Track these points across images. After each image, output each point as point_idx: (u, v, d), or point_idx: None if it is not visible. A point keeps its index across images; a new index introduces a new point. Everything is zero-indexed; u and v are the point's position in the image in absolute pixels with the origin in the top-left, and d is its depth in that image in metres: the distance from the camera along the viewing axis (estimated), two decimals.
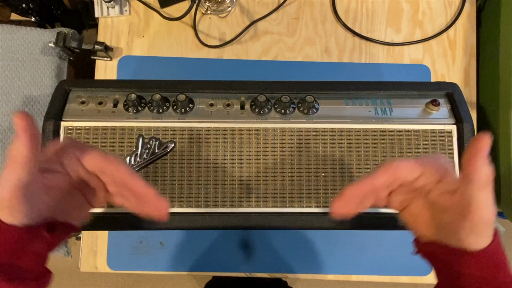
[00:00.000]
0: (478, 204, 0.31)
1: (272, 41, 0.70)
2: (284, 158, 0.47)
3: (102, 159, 0.33)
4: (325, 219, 0.46)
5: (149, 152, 0.46)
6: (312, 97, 0.47)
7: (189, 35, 0.69)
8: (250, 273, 0.67)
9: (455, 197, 0.33)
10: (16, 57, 0.68)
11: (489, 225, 0.32)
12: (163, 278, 1.42)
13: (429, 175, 0.34)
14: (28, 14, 0.84)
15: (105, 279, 1.43)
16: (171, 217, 0.46)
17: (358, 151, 0.47)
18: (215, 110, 0.48)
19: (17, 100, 0.67)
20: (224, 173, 0.47)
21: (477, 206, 0.31)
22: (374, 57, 0.70)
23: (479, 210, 0.31)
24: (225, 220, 0.46)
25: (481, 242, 0.32)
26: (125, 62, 0.68)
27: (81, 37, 0.66)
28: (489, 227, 0.32)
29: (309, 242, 0.67)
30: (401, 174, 0.33)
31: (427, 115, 0.48)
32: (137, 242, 0.67)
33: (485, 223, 0.31)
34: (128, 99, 0.46)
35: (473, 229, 0.31)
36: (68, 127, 0.47)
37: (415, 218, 0.36)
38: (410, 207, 0.36)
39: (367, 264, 0.67)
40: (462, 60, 0.70)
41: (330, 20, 0.71)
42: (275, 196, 0.47)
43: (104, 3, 0.68)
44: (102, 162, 0.33)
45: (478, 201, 0.31)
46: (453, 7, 0.71)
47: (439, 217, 0.34)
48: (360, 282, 0.70)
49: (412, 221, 0.37)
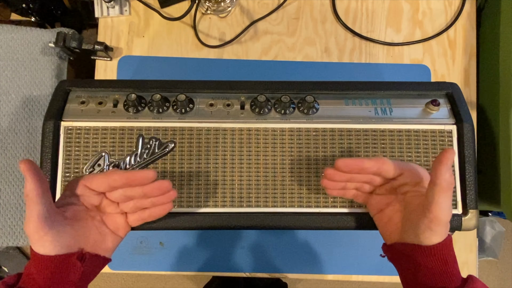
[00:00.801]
0: (437, 205, 0.36)
1: (272, 41, 0.70)
2: (284, 158, 0.47)
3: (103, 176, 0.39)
4: (325, 219, 0.46)
5: (149, 152, 0.46)
6: (312, 97, 0.47)
7: (189, 35, 0.69)
8: (250, 273, 0.67)
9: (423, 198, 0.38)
10: (16, 57, 0.68)
11: (443, 224, 0.37)
12: (163, 278, 1.42)
13: (408, 176, 0.41)
14: (28, 14, 0.84)
15: (105, 279, 1.43)
16: (171, 217, 0.46)
17: (358, 151, 0.47)
18: (215, 110, 0.48)
19: (17, 100, 0.68)
20: (224, 173, 0.47)
21: (436, 206, 0.36)
22: (374, 57, 0.70)
23: (436, 209, 0.36)
24: (225, 220, 0.46)
25: (433, 238, 0.37)
26: (125, 62, 0.68)
27: (81, 37, 0.66)
28: (443, 227, 0.37)
29: (309, 242, 0.67)
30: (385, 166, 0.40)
31: (427, 115, 0.48)
32: (137, 242, 0.67)
33: (439, 222, 0.36)
34: (128, 99, 0.46)
35: (429, 225, 0.37)
36: (68, 127, 0.47)
37: (387, 220, 0.42)
38: (385, 210, 0.43)
39: (367, 264, 0.67)
40: (462, 60, 0.70)
41: (330, 20, 0.71)
42: (275, 196, 0.47)
43: (104, 3, 0.68)
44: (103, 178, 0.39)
45: (437, 202, 0.36)
46: (453, 7, 0.71)
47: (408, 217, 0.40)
48: (360, 282, 0.70)
49: (383, 224, 0.43)
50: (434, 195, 0.36)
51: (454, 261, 0.38)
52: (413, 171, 0.41)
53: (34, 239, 0.35)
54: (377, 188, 0.43)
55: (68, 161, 0.46)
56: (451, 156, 0.36)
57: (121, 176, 0.38)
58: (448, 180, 0.36)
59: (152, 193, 0.39)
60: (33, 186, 0.34)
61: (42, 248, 0.35)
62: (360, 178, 0.42)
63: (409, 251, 0.38)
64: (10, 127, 0.67)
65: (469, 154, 0.46)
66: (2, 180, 0.66)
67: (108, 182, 0.39)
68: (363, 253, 0.67)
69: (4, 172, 0.66)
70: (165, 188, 0.39)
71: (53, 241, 0.35)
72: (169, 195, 0.40)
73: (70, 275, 0.36)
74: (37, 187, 0.34)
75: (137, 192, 0.39)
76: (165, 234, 0.67)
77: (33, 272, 0.35)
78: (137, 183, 0.38)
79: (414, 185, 0.41)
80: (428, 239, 0.37)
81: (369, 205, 0.44)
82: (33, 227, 0.34)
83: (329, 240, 0.67)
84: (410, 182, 0.41)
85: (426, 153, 0.47)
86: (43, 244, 0.35)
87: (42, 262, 0.35)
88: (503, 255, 1.37)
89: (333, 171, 0.41)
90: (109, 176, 0.38)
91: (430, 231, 0.37)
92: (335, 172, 0.41)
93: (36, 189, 0.34)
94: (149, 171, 0.38)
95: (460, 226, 0.46)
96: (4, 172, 0.66)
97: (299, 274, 0.67)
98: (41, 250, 0.35)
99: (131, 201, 0.41)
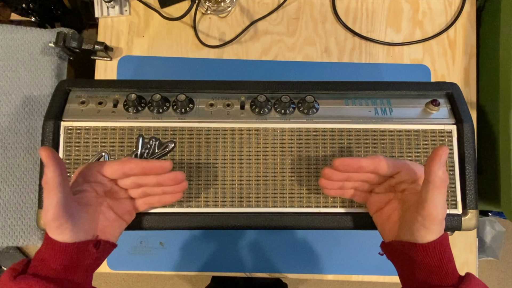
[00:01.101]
0: (431, 202, 0.36)
1: (272, 41, 0.70)
2: (284, 158, 0.47)
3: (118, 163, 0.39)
4: (325, 219, 0.46)
5: (149, 152, 0.46)
6: (312, 97, 0.47)
7: (189, 35, 0.69)
8: (250, 273, 0.67)
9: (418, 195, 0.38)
10: (16, 57, 0.68)
11: (437, 222, 0.37)
12: (163, 278, 1.42)
13: (405, 174, 0.40)
14: (28, 14, 0.84)
15: (105, 279, 1.43)
16: (171, 217, 0.46)
17: (358, 151, 0.47)
18: (215, 110, 0.48)
19: (17, 100, 0.67)
20: (224, 173, 0.47)
21: (429, 203, 0.36)
22: (374, 57, 0.70)
23: (430, 207, 0.36)
24: (225, 220, 0.46)
25: (428, 236, 0.37)
26: (125, 62, 0.68)
27: (81, 37, 0.66)
28: (437, 224, 0.37)
29: (309, 242, 0.67)
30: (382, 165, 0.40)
31: (427, 115, 0.48)
32: (137, 242, 0.67)
33: (433, 219, 0.36)
34: (128, 99, 0.46)
35: (423, 223, 0.37)
36: (68, 127, 0.47)
37: (386, 219, 0.42)
38: (384, 208, 0.43)
39: (367, 264, 0.67)
40: (462, 60, 0.70)
41: (330, 20, 0.71)
42: (275, 196, 0.47)
43: (104, 3, 0.68)
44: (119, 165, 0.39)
45: (431, 199, 0.36)
46: (453, 7, 0.71)
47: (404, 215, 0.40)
48: (360, 282, 0.70)
49: (382, 222, 0.43)
50: (428, 193, 0.36)
51: (450, 259, 0.38)
52: (410, 168, 0.41)
53: (53, 227, 0.35)
54: (376, 187, 0.43)
55: (68, 161, 0.46)
56: (443, 153, 0.36)
57: (137, 165, 0.39)
58: (441, 177, 0.36)
59: (166, 182, 0.41)
60: (54, 174, 0.34)
61: (61, 235, 0.35)
62: (358, 177, 0.42)
63: (405, 249, 0.39)
64: (10, 127, 0.67)
65: (469, 154, 0.46)
66: (2, 180, 0.66)
67: (124, 170, 0.39)
68: (363, 253, 0.67)
69: (4, 172, 0.66)
70: (179, 179, 0.41)
71: (73, 229, 0.35)
72: (182, 186, 0.42)
73: (85, 261, 0.37)
74: (58, 175, 0.34)
75: (151, 180, 0.40)
76: (165, 234, 0.67)
77: (47, 258, 0.35)
78: (153, 173, 0.40)
79: (411, 183, 0.41)
80: (422, 236, 0.37)
81: (368, 204, 0.44)
82: (53, 214, 0.34)
83: (329, 240, 0.67)
84: (407, 180, 0.41)
85: (426, 153, 0.47)
86: (62, 232, 0.35)
87: (60, 249, 0.35)
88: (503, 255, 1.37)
89: (331, 170, 0.41)
90: (125, 164, 0.39)
91: (424, 228, 0.37)
92: (332, 171, 0.41)
93: (57, 176, 0.34)
94: (166, 162, 0.39)
95: (460, 226, 0.46)
96: (4, 172, 0.66)
97: (299, 274, 0.67)
98: (59, 237, 0.35)
99: (141, 188, 0.42)
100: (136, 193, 0.42)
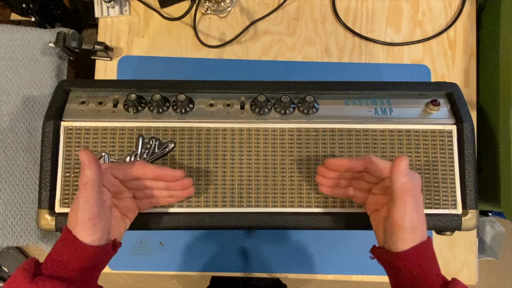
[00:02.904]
0: (396, 212, 0.36)
1: (272, 41, 0.70)
2: (284, 158, 0.47)
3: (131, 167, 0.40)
4: (325, 219, 0.46)
5: (149, 152, 0.46)
6: (312, 97, 0.47)
7: (189, 35, 0.69)
8: (250, 273, 0.67)
9: None
10: (16, 57, 0.68)
11: (406, 231, 0.36)
12: (163, 278, 1.42)
13: None
14: (28, 14, 0.84)
15: (105, 279, 1.43)
16: (171, 217, 0.46)
17: (358, 151, 0.47)
18: (215, 110, 0.48)
19: (17, 100, 0.67)
20: (224, 173, 0.47)
21: (395, 212, 0.36)
22: (374, 57, 0.70)
23: (395, 216, 0.36)
24: (225, 220, 0.46)
25: (399, 245, 0.36)
26: (125, 62, 0.68)
27: (81, 37, 0.66)
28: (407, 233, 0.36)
29: (309, 242, 0.67)
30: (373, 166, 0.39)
31: (427, 115, 0.48)
32: (137, 242, 0.67)
33: (399, 228, 0.36)
34: (128, 99, 0.46)
35: (393, 231, 0.37)
36: (68, 127, 0.47)
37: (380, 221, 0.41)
38: (380, 210, 0.42)
39: (367, 264, 0.67)
40: (462, 60, 0.70)
41: (330, 20, 0.71)
42: (275, 196, 0.47)
43: (104, 3, 0.68)
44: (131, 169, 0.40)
45: (396, 209, 0.36)
46: (453, 7, 0.71)
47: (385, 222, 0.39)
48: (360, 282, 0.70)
49: (376, 224, 0.42)
50: (394, 201, 0.36)
51: (431, 267, 0.37)
52: None
53: (87, 227, 0.35)
54: (374, 187, 0.43)
55: (68, 161, 0.46)
56: (402, 161, 0.36)
57: (152, 171, 0.40)
58: (405, 185, 0.35)
59: (174, 187, 0.42)
60: (94, 176, 0.35)
61: (92, 236, 0.35)
62: (351, 176, 0.43)
63: (388, 256, 0.39)
64: (10, 127, 0.67)
65: (469, 154, 0.46)
66: (2, 180, 0.66)
67: (137, 174, 0.40)
68: (363, 253, 0.67)
69: (4, 172, 0.66)
70: (187, 185, 0.42)
71: (104, 230, 0.36)
72: (188, 191, 0.43)
73: (104, 262, 0.38)
74: (97, 177, 0.35)
75: (160, 184, 0.42)
76: (165, 234, 0.67)
77: (67, 260, 0.35)
78: (166, 180, 0.41)
79: None
80: (395, 244, 0.37)
81: (367, 204, 0.44)
82: (89, 213, 0.35)
83: (329, 240, 0.67)
84: None
85: (426, 153, 0.47)
86: (94, 232, 0.35)
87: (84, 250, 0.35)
88: (503, 255, 1.37)
89: (325, 169, 0.42)
90: (138, 169, 0.40)
91: (395, 237, 0.37)
92: (326, 170, 0.42)
93: (96, 179, 0.35)
94: (179, 171, 0.41)
95: (460, 226, 0.46)
96: (4, 172, 0.66)
97: (299, 274, 0.67)
98: (90, 238, 0.35)
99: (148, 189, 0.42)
100: (142, 194, 0.42)
